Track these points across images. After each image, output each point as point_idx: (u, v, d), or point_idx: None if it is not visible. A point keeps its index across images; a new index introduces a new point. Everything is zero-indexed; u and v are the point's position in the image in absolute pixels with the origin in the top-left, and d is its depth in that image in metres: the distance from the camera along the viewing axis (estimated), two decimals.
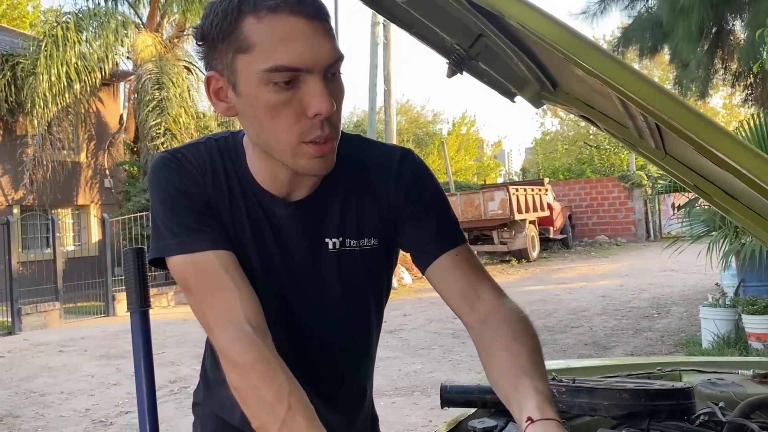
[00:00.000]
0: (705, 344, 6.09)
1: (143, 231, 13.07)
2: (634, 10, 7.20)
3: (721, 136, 0.69)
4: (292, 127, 0.90)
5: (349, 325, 1.12)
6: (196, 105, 16.30)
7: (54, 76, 13.41)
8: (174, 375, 6.32)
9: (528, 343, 0.99)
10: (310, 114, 0.89)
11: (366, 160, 1.08)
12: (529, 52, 1.22)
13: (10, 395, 6.00)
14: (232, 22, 0.88)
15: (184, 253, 0.97)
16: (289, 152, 0.92)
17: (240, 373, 0.88)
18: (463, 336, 7.64)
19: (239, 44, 0.88)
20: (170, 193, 0.99)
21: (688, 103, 0.71)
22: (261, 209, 1.02)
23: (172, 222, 0.98)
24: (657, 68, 24.50)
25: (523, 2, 0.73)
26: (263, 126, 0.92)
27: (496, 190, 16.99)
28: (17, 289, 10.07)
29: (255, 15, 0.87)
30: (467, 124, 31.20)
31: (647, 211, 21.94)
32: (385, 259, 1.12)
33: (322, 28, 0.89)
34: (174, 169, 1.00)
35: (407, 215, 1.07)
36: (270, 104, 0.89)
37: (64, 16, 14.68)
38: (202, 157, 1.02)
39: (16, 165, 14.34)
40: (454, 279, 1.04)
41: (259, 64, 0.87)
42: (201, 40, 0.93)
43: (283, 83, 0.87)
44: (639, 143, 1.45)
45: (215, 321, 0.93)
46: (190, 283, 0.97)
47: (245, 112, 0.93)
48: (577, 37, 0.70)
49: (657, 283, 11.38)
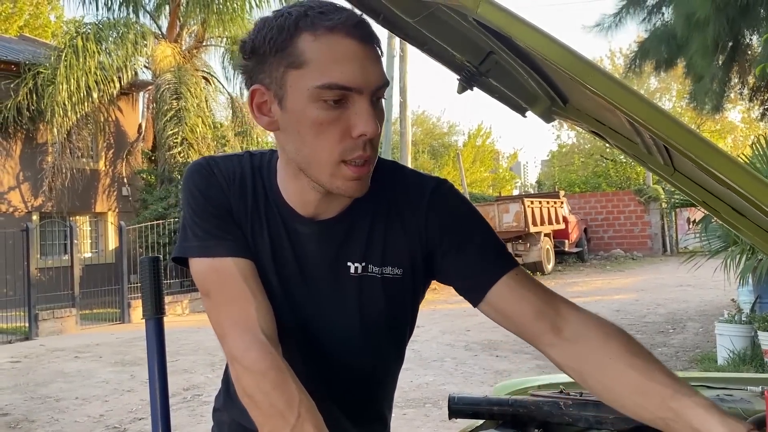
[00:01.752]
0: (720, 361, 6.02)
1: (159, 239, 13.19)
2: (650, 24, 7.18)
3: (721, 158, 0.71)
4: (335, 145, 0.91)
5: (364, 352, 1.10)
6: (213, 115, 16.47)
7: (73, 86, 13.62)
8: (187, 382, 6.36)
9: (648, 356, 0.94)
10: (354, 134, 0.91)
11: (398, 187, 1.07)
12: (538, 69, 1.24)
13: (26, 400, 6.06)
14: (287, 37, 0.90)
15: (205, 256, 0.99)
16: (328, 171, 0.93)
17: (253, 379, 0.91)
18: (475, 349, 7.62)
19: (293, 59, 0.90)
20: (197, 197, 1.02)
21: (687, 125, 0.72)
22: (283, 225, 1.04)
23: (197, 225, 1.01)
24: (674, 81, 24.38)
25: (527, 24, 0.75)
26: (305, 142, 0.92)
27: (511, 203, 16.95)
28: (35, 294, 10.19)
29: (312, 33, 0.89)
30: (483, 136, 31.18)
31: (663, 226, 21.76)
32: (408, 291, 1.08)
33: (374, 52, 0.93)
34: (204, 175, 1.03)
35: (446, 248, 1.04)
36: (317, 121, 0.90)
37: (85, 27, 14.93)
38: (233, 167, 1.05)
39: (36, 172, 14.55)
40: (522, 301, 1.00)
41: (312, 81, 0.89)
42: (249, 53, 0.95)
43: (332, 101, 0.89)
44: (648, 159, 1.46)
45: (230, 327, 0.95)
46: (210, 290, 0.99)
47: (288, 128, 0.94)
48: (579, 59, 0.72)
49: (673, 299, 11.27)
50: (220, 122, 17.25)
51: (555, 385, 1.58)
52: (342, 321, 1.06)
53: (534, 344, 1.02)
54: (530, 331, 1.00)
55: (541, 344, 1.01)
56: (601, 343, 0.95)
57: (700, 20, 5.26)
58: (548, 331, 0.99)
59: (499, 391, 1.73)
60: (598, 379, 0.95)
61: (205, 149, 15.00)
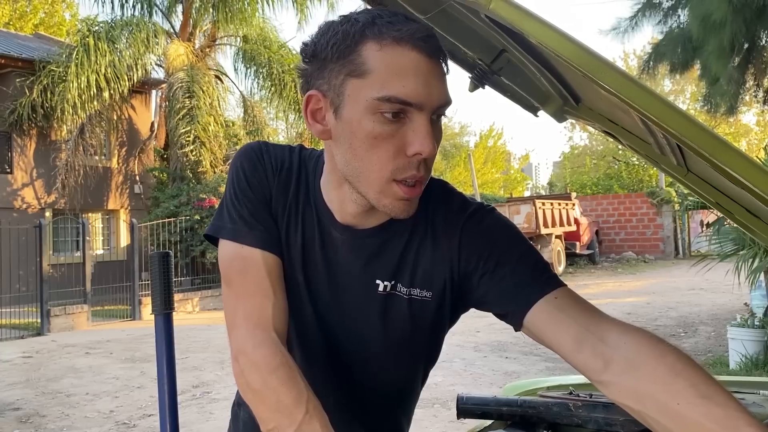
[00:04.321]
0: (732, 365, 5.97)
1: (171, 237, 13.25)
2: (666, 26, 7.12)
3: (736, 156, 0.70)
4: (388, 162, 0.87)
5: (385, 366, 1.08)
6: (225, 114, 16.54)
7: (84, 84, 13.71)
8: (197, 380, 6.39)
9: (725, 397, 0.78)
10: (410, 152, 0.87)
11: (440, 208, 1.03)
12: (551, 68, 1.23)
13: (38, 395, 6.11)
14: (352, 44, 0.87)
15: (235, 241, 0.98)
16: (377, 187, 0.90)
17: (261, 375, 0.90)
18: (485, 350, 7.60)
19: (354, 68, 0.87)
20: (240, 180, 1.01)
21: (703, 123, 0.71)
22: (318, 226, 1.02)
23: (234, 208, 1.00)
24: (689, 84, 24.22)
25: (541, 21, 0.74)
26: (357, 155, 0.89)
27: (522, 204, 16.89)
28: (47, 290, 10.27)
29: (378, 42, 0.86)
30: (494, 137, 31.12)
31: (676, 228, 21.62)
32: (435, 314, 1.04)
33: (439, 68, 0.89)
34: (252, 159, 1.02)
35: (482, 272, 0.98)
36: (372, 134, 0.87)
37: (97, 26, 15.03)
38: (284, 157, 1.03)
39: (49, 169, 14.66)
40: (560, 327, 0.90)
41: (372, 92, 0.85)
42: (310, 57, 0.91)
43: (390, 115, 0.85)
44: (661, 159, 1.45)
45: (243, 320, 0.95)
46: (233, 279, 0.98)
47: (341, 138, 0.90)
48: (593, 56, 0.71)
49: (685, 302, 11.19)
50: (232, 121, 17.31)
51: (564, 386, 1.57)
52: (365, 333, 1.04)
53: (589, 379, 0.89)
54: (576, 363, 0.89)
55: (594, 380, 0.88)
56: (665, 382, 0.81)
57: (716, 22, 5.21)
58: (594, 363, 0.87)
59: (509, 391, 1.72)
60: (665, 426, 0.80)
61: (217, 147, 15.06)
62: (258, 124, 16.64)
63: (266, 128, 16.61)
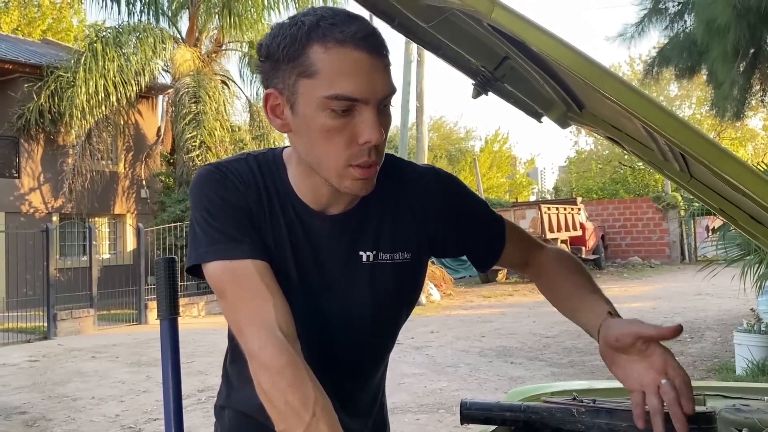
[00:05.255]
0: (739, 371, 5.94)
1: (177, 241, 13.30)
2: (672, 32, 7.11)
3: (735, 165, 0.71)
4: (343, 151, 0.97)
5: (373, 334, 1.17)
6: (231, 119, 16.60)
7: (92, 89, 13.80)
8: (202, 384, 6.40)
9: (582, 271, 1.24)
10: (360, 141, 0.96)
11: (405, 177, 1.16)
12: (553, 75, 1.23)
13: (44, 398, 6.14)
14: (299, 47, 0.94)
15: (223, 259, 1.00)
16: (336, 173, 0.99)
17: (269, 376, 0.92)
18: (490, 355, 7.59)
19: (304, 69, 0.94)
20: (214, 202, 1.03)
21: (701, 131, 0.72)
22: (299, 221, 1.08)
23: (214, 229, 1.01)
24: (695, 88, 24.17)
25: (541, 29, 0.75)
26: (315, 145, 0.98)
27: (528, 209, 16.88)
28: (54, 294, 10.32)
29: (323, 44, 0.93)
30: (500, 142, 31.11)
31: (682, 233, 21.54)
32: (415, 273, 1.17)
33: (382, 63, 0.96)
34: (219, 180, 1.05)
35: (451, 225, 1.17)
36: (325, 128, 0.95)
37: (105, 31, 15.12)
38: (245, 170, 1.07)
39: (57, 174, 14.73)
40: (511, 253, 1.25)
41: (321, 91, 0.94)
42: (265, 57, 1.00)
43: (340, 110, 0.94)
44: (664, 165, 1.45)
45: (247, 325, 0.96)
46: (226, 289, 1.00)
47: (299, 131, 0.99)
48: (593, 65, 0.72)
49: (691, 307, 11.15)
50: (238, 125, 17.37)
51: (568, 392, 1.57)
52: (354, 306, 1.12)
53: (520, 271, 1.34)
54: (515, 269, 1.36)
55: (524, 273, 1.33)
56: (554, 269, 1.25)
57: (721, 27, 5.21)
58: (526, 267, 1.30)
59: (513, 397, 1.72)
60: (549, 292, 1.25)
61: (223, 152, 15.12)
62: (264, 129, 16.69)
63: (272, 133, 16.65)
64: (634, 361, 1.04)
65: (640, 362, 1.04)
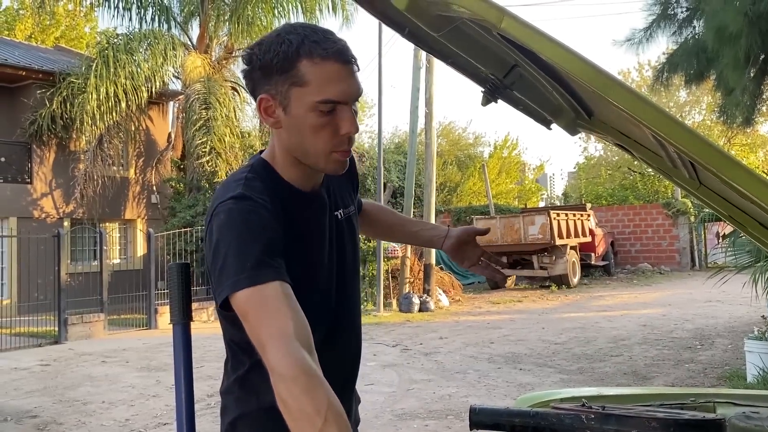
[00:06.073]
0: (750, 378, 5.90)
1: (187, 246, 13.35)
2: (680, 37, 7.09)
3: (743, 173, 0.71)
4: (328, 141, 1.20)
5: (357, 286, 1.44)
6: (241, 125, 16.67)
7: (102, 95, 13.90)
8: (211, 389, 6.41)
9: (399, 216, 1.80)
10: (341, 133, 1.20)
11: None
12: (562, 82, 1.24)
13: (55, 402, 6.17)
14: (290, 62, 1.16)
15: (255, 285, 1.07)
16: (323, 159, 1.23)
17: (286, 385, 0.98)
18: (498, 361, 7.57)
19: (296, 79, 1.17)
20: (248, 231, 1.13)
21: (709, 139, 0.73)
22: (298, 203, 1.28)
23: (246, 257, 1.09)
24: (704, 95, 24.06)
25: (550, 39, 0.76)
26: (306, 139, 1.21)
27: (537, 215, 16.81)
28: (65, 299, 10.38)
29: (310, 60, 1.16)
30: (509, 147, 31.04)
31: (692, 240, 21.40)
32: (357, 220, 1.50)
33: (353, 70, 1.20)
34: (252, 209, 1.16)
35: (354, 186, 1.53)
36: (315, 125, 1.18)
37: (116, 38, 15.23)
38: (261, 189, 1.21)
39: (68, 179, 14.84)
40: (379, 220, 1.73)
41: (312, 97, 1.16)
42: (259, 69, 1.20)
43: (326, 111, 1.17)
44: (673, 172, 1.46)
45: (268, 339, 1.03)
46: (249, 311, 1.07)
47: (290, 128, 1.21)
48: (602, 74, 0.73)
49: (701, 314, 11.08)
50: (247, 131, 17.44)
51: (577, 399, 1.57)
52: (348, 262, 1.39)
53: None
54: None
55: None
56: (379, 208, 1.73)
57: (731, 33, 5.19)
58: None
59: (522, 403, 1.73)
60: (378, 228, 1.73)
61: (233, 158, 15.18)
62: None
63: None
64: (469, 249, 1.66)
65: (473, 249, 1.66)
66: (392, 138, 27.09)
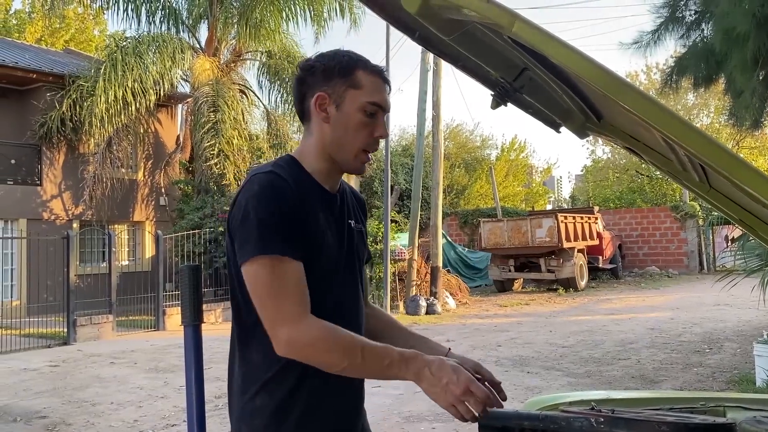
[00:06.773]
0: (759, 382, 5.86)
1: (195, 248, 13.39)
2: (689, 40, 7.06)
3: (755, 176, 0.71)
4: (365, 139, 1.43)
5: (359, 293, 1.54)
6: (249, 127, 16.71)
7: (111, 98, 13.97)
8: (219, 390, 6.43)
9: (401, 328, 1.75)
10: (375, 135, 1.44)
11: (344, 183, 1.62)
12: (572, 86, 1.24)
13: (64, 403, 6.20)
14: (350, 69, 1.42)
15: (275, 254, 1.29)
16: (353, 155, 1.44)
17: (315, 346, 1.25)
18: (506, 364, 7.56)
19: (353, 83, 1.41)
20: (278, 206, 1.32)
21: (721, 142, 0.73)
22: (321, 198, 1.45)
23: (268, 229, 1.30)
24: (713, 97, 23.95)
25: (561, 43, 0.77)
26: (347, 133, 1.42)
27: (545, 218, 16.78)
28: (74, 300, 10.43)
29: (365, 70, 1.43)
30: (516, 150, 31.00)
31: (700, 243, 21.29)
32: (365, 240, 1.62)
33: (389, 89, 1.47)
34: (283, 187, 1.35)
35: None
36: (361, 123, 1.42)
37: (125, 41, 15.31)
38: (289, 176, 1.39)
39: (77, 181, 14.91)
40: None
41: (364, 98, 1.41)
42: (321, 72, 1.42)
43: (370, 113, 1.42)
44: (683, 176, 1.45)
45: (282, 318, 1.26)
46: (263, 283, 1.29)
47: (337, 122, 1.42)
48: (612, 77, 0.74)
49: (709, 317, 11.02)
50: (256, 134, 17.48)
51: (586, 402, 1.57)
52: (357, 266, 1.53)
53: None
54: None
55: None
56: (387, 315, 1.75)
57: (740, 35, 5.18)
58: None
59: (531, 406, 1.73)
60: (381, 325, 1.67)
61: (241, 161, 15.22)
62: (281, 138, 16.80)
63: (290, 141, 16.76)
64: None
65: None
66: (399, 140, 27.09)
